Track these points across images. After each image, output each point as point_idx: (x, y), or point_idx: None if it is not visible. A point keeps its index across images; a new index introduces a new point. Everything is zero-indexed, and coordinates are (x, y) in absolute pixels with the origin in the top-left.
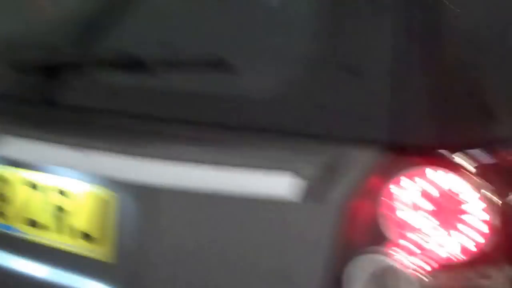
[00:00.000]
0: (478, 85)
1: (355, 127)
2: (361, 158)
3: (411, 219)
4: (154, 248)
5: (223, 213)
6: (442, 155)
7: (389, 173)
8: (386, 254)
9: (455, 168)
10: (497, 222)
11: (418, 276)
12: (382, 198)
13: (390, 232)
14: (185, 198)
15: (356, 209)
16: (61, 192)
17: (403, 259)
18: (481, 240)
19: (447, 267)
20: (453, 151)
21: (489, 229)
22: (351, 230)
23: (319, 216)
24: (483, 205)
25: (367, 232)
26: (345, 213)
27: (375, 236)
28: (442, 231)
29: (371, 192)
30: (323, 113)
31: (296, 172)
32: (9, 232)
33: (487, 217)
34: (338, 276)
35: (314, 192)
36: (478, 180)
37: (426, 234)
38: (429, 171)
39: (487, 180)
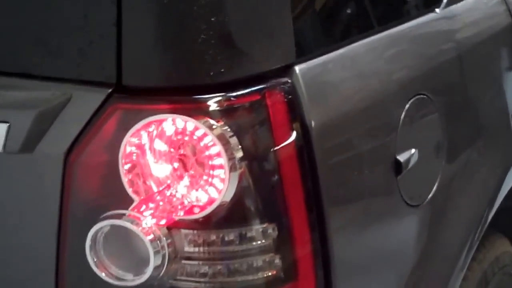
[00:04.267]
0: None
1: (81, 67)
2: (89, 104)
3: (149, 172)
4: None
5: None
6: (183, 99)
7: (123, 121)
8: (117, 215)
9: (197, 113)
10: (237, 177)
11: (153, 235)
12: (116, 150)
13: (127, 187)
14: None
15: (83, 163)
16: None
17: (138, 218)
18: (220, 196)
19: (183, 224)
20: (196, 93)
21: (228, 184)
22: (78, 187)
23: (40, 170)
24: (226, 157)
25: (99, 189)
26: (71, 166)
27: (109, 193)
28: (183, 186)
29: (101, 143)
30: (39, 50)
31: (7, 121)
32: None
33: (227, 171)
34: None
35: (28, 144)
36: (223, 129)
37: (168, 188)
38: (169, 117)
39: (233, 129)
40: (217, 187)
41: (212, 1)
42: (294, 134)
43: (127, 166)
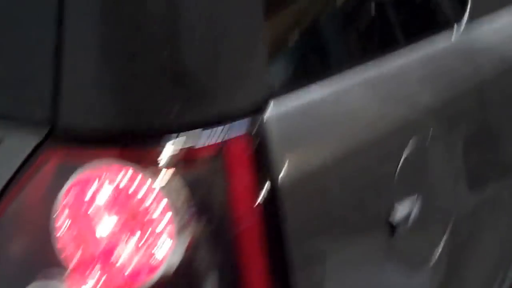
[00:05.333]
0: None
1: (14, 107)
2: (20, 149)
3: (86, 232)
4: None
5: None
6: (128, 147)
7: (58, 171)
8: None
9: (144, 163)
10: (187, 239)
11: None
12: (49, 205)
13: (58, 252)
14: None
15: (10, 219)
16: None
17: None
18: (167, 259)
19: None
20: (143, 139)
21: (176, 246)
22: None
23: None
24: (175, 215)
25: (28, 251)
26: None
27: (39, 256)
28: (126, 248)
29: (32, 197)
30: None
31: None
32: None
33: (175, 231)
34: None
35: None
36: (172, 182)
37: (109, 251)
38: (111, 167)
39: (185, 183)
40: (164, 248)
41: (164, 33)
42: (258, 193)
43: (61, 223)
